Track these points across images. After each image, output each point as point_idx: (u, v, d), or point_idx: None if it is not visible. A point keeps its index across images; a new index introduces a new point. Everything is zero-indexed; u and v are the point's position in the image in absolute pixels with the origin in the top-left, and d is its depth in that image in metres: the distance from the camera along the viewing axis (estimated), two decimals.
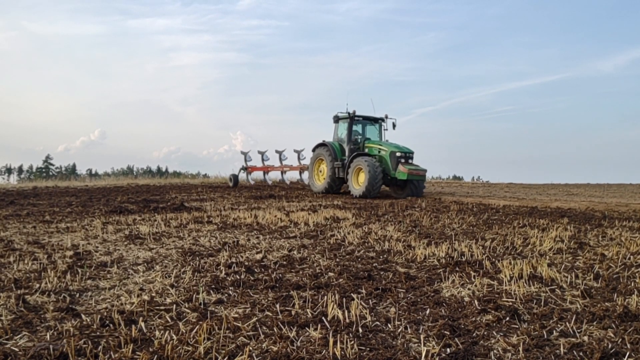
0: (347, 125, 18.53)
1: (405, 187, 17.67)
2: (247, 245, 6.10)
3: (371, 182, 16.34)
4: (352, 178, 17.37)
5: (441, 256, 5.43)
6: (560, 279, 4.28)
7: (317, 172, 19.44)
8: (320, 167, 19.29)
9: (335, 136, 19.49)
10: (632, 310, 3.30)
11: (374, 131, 19.42)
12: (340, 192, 18.94)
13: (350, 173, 17.43)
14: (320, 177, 19.28)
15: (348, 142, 18.40)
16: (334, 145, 18.73)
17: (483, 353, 2.55)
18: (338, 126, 19.42)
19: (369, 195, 16.44)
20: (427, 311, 3.31)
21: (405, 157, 17.43)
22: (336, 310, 3.18)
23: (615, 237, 7.14)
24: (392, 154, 17.24)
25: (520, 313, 3.27)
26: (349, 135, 18.50)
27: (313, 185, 19.36)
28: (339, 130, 19.32)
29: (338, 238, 6.80)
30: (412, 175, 16.90)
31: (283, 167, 22.22)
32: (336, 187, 18.55)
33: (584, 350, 2.57)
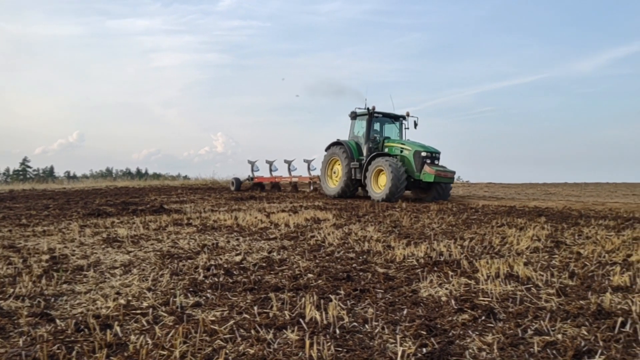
0: (366, 123, 16.97)
1: (430, 190, 16.23)
2: (226, 248, 6.07)
3: (394, 184, 14.82)
4: (372, 180, 15.86)
5: (420, 256, 5.46)
6: (536, 278, 4.34)
7: (330, 173, 17.83)
8: (334, 168, 17.73)
9: (351, 134, 17.94)
10: (606, 308, 3.36)
11: (393, 130, 17.84)
12: (355, 195, 17.52)
13: (369, 175, 15.92)
14: (333, 179, 17.66)
15: (367, 141, 16.83)
16: (350, 144, 17.15)
17: (458, 352, 2.57)
18: (355, 123, 17.87)
19: (392, 199, 14.88)
20: (404, 311, 3.33)
21: (432, 157, 15.89)
22: (314, 311, 3.18)
23: (591, 235, 7.25)
24: (416, 154, 15.71)
25: (496, 312, 3.30)
26: (368, 133, 16.93)
27: (325, 188, 17.71)
28: (356, 128, 17.80)
29: (318, 239, 6.81)
30: (439, 178, 15.30)
31: (292, 178, 20.64)
32: (352, 189, 17.00)
33: (558, 349, 2.61)
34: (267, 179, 21.27)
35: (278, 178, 20.89)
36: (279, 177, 20.87)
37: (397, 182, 14.82)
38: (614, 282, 4.17)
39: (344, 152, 16.91)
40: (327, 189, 17.55)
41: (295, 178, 20.41)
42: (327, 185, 17.64)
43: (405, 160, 15.80)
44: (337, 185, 17.21)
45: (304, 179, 20.12)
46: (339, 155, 17.10)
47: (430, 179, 15.22)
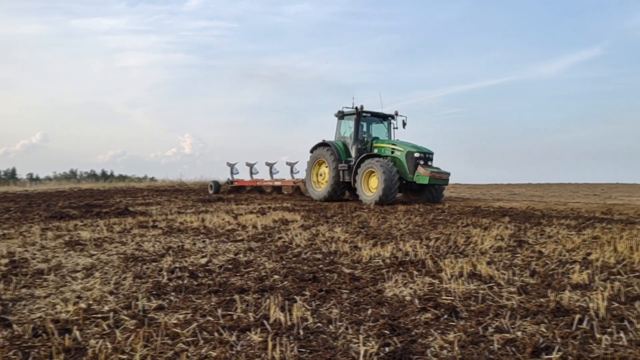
0: (354, 122, 16.20)
1: (423, 192, 15.57)
2: (192, 250, 6.01)
3: (387, 187, 14.13)
4: (362, 183, 15.10)
5: (386, 256, 5.50)
6: (498, 277, 4.42)
7: (317, 175, 16.93)
8: (320, 170, 16.85)
9: (337, 135, 17.13)
10: (564, 305, 3.44)
11: (382, 129, 17.12)
12: (343, 198, 16.71)
13: (359, 177, 15.16)
14: (320, 182, 16.80)
15: (355, 142, 16.07)
16: (338, 145, 16.38)
17: (420, 351, 2.60)
18: (341, 123, 17.08)
19: (384, 202, 14.17)
20: (369, 311, 3.34)
21: (425, 158, 15.23)
22: (278, 313, 3.17)
23: (552, 235, 7.43)
24: (409, 155, 15.05)
25: (459, 311, 3.35)
26: (356, 133, 16.17)
27: (311, 191, 16.84)
28: (342, 128, 17.03)
29: (286, 240, 6.79)
30: (434, 179, 14.66)
31: (274, 182, 19.49)
32: (340, 192, 16.27)
33: (517, 346, 2.66)
34: (248, 182, 20.44)
35: (260, 181, 20.01)
36: (261, 181, 19.98)
37: (389, 184, 14.17)
38: (573, 280, 4.28)
39: (331, 153, 16.18)
40: (313, 193, 16.76)
41: (278, 182, 19.39)
42: (313, 188, 16.81)
43: (397, 162, 15.14)
44: (324, 188, 16.43)
45: (287, 182, 19.12)
46: (326, 157, 16.33)
47: (425, 180, 14.57)
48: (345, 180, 15.89)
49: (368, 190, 15.02)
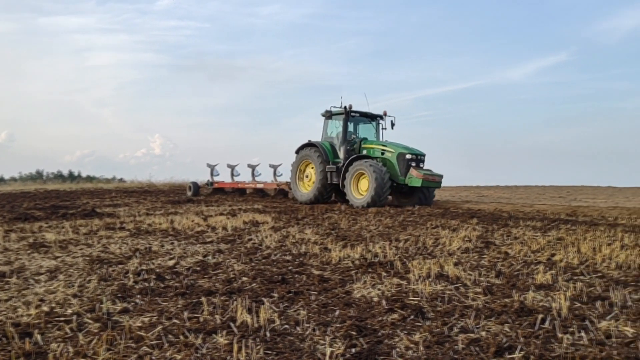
0: (342, 122, 15.68)
1: (413, 195, 15.16)
2: (160, 252, 5.93)
3: (378, 189, 13.70)
4: (351, 185, 14.62)
5: (356, 258, 5.52)
6: (465, 277, 4.48)
7: (302, 177, 16.38)
8: (307, 171, 16.27)
9: (324, 135, 16.60)
10: (528, 305, 3.51)
11: (370, 130, 16.68)
12: (330, 200, 16.22)
13: (348, 179, 14.67)
14: (306, 184, 16.24)
15: (343, 142, 15.54)
16: (325, 145, 15.88)
17: (386, 351, 2.62)
18: (328, 123, 16.57)
19: (375, 205, 13.72)
20: (336, 312, 3.35)
21: (417, 159, 14.80)
22: (245, 315, 3.15)
23: (519, 236, 7.56)
24: (400, 156, 14.62)
25: (425, 311, 3.38)
26: (345, 133, 15.64)
27: (297, 193, 16.29)
28: (329, 128, 16.53)
29: (256, 242, 6.76)
30: (427, 182, 14.23)
31: (257, 184, 18.80)
32: (327, 194, 15.77)
33: (481, 345, 2.70)
34: (229, 184, 19.78)
35: (241, 184, 19.33)
36: (242, 183, 19.31)
37: (381, 186, 13.73)
38: (538, 280, 4.36)
39: (318, 154, 15.61)
40: (299, 195, 16.18)
41: (261, 184, 18.71)
42: (299, 190, 16.24)
43: (388, 163, 14.69)
44: (310, 190, 15.86)
45: (270, 185, 18.48)
46: (312, 158, 15.79)
47: (418, 183, 14.12)
48: (333, 182, 15.45)
49: (358, 192, 14.58)
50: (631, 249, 6.10)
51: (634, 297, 3.87)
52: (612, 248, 6.04)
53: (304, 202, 15.60)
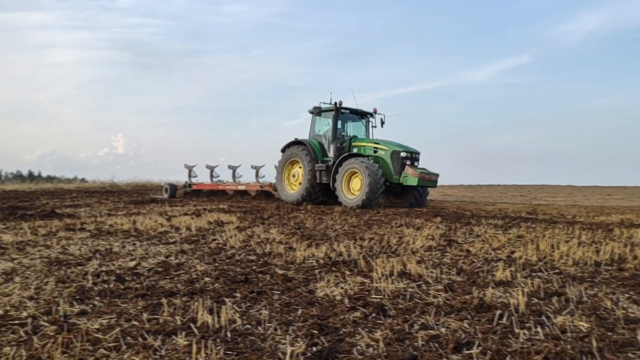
0: (332, 119, 15.16)
1: (406, 195, 14.77)
2: (121, 253, 5.82)
3: (372, 188, 13.23)
4: (343, 184, 14.12)
5: (320, 257, 5.53)
6: (427, 275, 4.53)
7: (289, 176, 15.85)
8: (293, 170, 15.76)
9: (311, 133, 16.10)
10: (487, 301, 3.57)
11: (359, 128, 16.26)
12: (319, 201, 15.52)
13: (339, 178, 14.16)
14: (293, 183, 15.74)
15: (333, 140, 15.01)
16: (313, 143, 15.37)
17: (347, 349, 2.62)
18: (316, 120, 16.06)
19: (368, 206, 13.33)
20: (299, 311, 3.34)
21: (412, 158, 14.28)
22: (206, 315, 3.12)
23: (480, 234, 7.70)
24: (394, 154, 14.12)
25: (387, 309, 3.41)
26: (335, 131, 15.10)
27: (283, 193, 15.71)
28: (317, 126, 16.03)
29: (220, 242, 6.70)
30: (423, 181, 13.69)
31: (238, 186, 18.03)
32: (315, 194, 15.11)
33: (440, 342, 2.73)
34: (209, 186, 19.01)
35: (221, 185, 18.59)
36: (223, 185, 18.58)
37: (374, 186, 13.26)
38: (497, 277, 4.44)
39: (307, 153, 15.09)
40: (285, 195, 15.62)
41: (242, 186, 17.99)
42: (286, 190, 15.71)
43: (381, 162, 14.22)
44: (297, 190, 15.34)
45: (252, 186, 17.74)
46: (300, 157, 15.22)
47: (414, 182, 13.59)
48: (323, 181, 14.91)
49: (350, 192, 14.09)
50: (588, 245, 6.27)
51: (590, 292, 3.97)
52: (569, 245, 6.20)
53: (290, 203, 15.08)
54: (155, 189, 22.31)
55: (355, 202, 13.53)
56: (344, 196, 14.01)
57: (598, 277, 4.59)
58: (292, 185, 15.75)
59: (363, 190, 13.39)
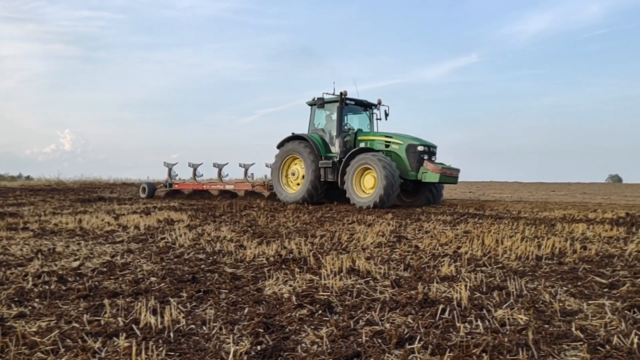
0: (337, 111, 13.95)
1: (420, 192, 13.67)
2: (64, 253, 5.64)
3: (388, 186, 12.03)
4: (353, 182, 12.91)
5: (270, 254, 5.52)
6: (375, 271, 4.58)
7: (288, 175, 14.65)
8: (292, 168, 14.52)
9: (311, 127, 14.91)
10: (431, 296, 3.64)
11: (363, 120, 15.07)
12: (323, 201, 14.31)
13: (349, 175, 12.96)
14: (292, 182, 14.58)
15: (339, 134, 13.75)
16: (314, 138, 14.12)
17: (291, 347, 2.63)
18: (316, 113, 14.86)
19: (384, 205, 12.15)
20: (245, 310, 3.33)
21: (429, 152, 13.18)
22: (149, 316, 3.06)
23: (429, 230, 7.84)
24: (410, 149, 13.00)
25: (334, 305, 3.43)
26: (340, 124, 13.86)
27: (281, 193, 14.46)
28: (317, 119, 14.86)
29: (169, 241, 6.60)
30: (445, 177, 12.67)
31: (225, 185, 16.80)
32: (319, 193, 13.92)
33: (384, 337, 2.77)
34: (192, 185, 17.66)
35: (207, 184, 17.25)
36: (208, 184, 17.25)
37: (391, 183, 12.08)
38: (443, 272, 4.54)
39: (308, 148, 13.86)
40: (283, 194, 14.39)
41: (230, 185, 16.74)
42: (284, 190, 14.50)
43: (394, 157, 13.07)
44: (298, 189, 14.15)
45: (242, 186, 16.46)
46: (301, 153, 13.98)
47: (435, 179, 12.57)
48: (328, 179, 13.71)
49: (362, 191, 12.93)
50: (530, 240, 6.49)
51: (530, 286, 4.11)
52: (513, 240, 6.40)
53: (289, 203, 13.90)
54: (103, 187, 21.69)
55: (368, 201, 12.40)
56: (355, 195, 12.88)
57: (539, 271, 4.75)
58: (291, 185, 14.62)
59: (378, 188, 12.24)
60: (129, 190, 20.37)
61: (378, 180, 12.29)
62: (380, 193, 12.08)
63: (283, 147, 14.64)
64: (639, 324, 3.03)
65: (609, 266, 4.95)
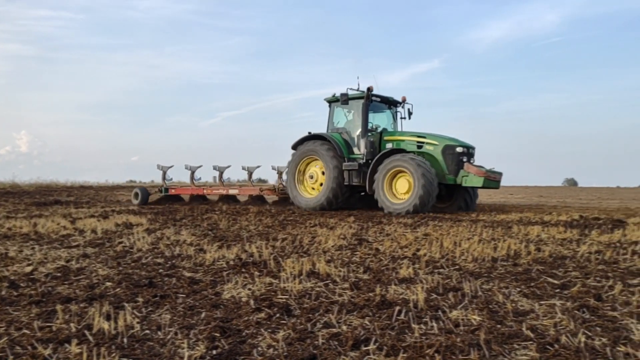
0: (362, 109, 12.92)
1: (455, 198, 12.88)
2: (17, 258, 5.48)
3: (427, 191, 11.19)
4: (384, 186, 11.98)
5: (231, 258, 5.48)
6: (335, 274, 4.61)
7: (305, 178, 13.62)
8: (310, 170, 13.49)
9: (330, 126, 13.93)
10: (389, 298, 3.69)
11: (386, 119, 14.10)
12: (343, 207, 13.40)
13: (379, 179, 12.04)
14: (308, 186, 13.57)
15: (365, 134, 12.85)
16: (336, 138, 13.12)
17: (247, 351, 2.62)
18: (335, 111, 13.87)
19: (423, 210, 11.30)
20: (202, 315, 3.30)
21: (468, 154, 12.28)
22: (103, 322, 3.00)
23: (390, 232, 7.93)
24: (447, 150, 12.10)
25: (292, 308, 3.44)
26: (366, 122, 12.93)
27: (298, 199, 13.45)
28: (337, 117, 13.87)
29: (126, 245, 6.48)
30: (489, 181, 11.73)
31: (228, 190, 15.59)
32: (342, 198, 12.99)
33: (340, 339, 2.79)
34: (192, 190, 16.34)
35: (208, 189, 16.02)
36: (209, 189, 16.06)
37: (430, 187, 11.23)
38: (401, 274, 4.60)
39: (329, 149, 12.94)
40: (300, 199, 13.41)
41: (234, 190, 15.65)
42: (300, 194, 13.48)
43: (428, 158, 12.14)
44: (318, 194, 13.09)
45: (247, 190, 15.44)
46: (321, 154, 13.01)
47: (478, 183, 11.63)
48: (353, 183, 12.77)
49: (394, 196, 12.01)
50: (487, 242, 6.63)
51: (485, 287, 4.20)
52: (471, 242, 6.53)
53: (310, 209, 12.97)
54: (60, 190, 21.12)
55: (403, 207, 11.46)
56: (387, 201, 11.94)
57: (494, 272, 4.86)
58: (308, 189, 13.59)
59: (415, 192, 11.32)
60: (86, 193, 19.91)
61: (415, 184, 11.40)
62: (418, 199, 11.25)
63: (299, 148, 13.70)
64: (587, 324, 3.14)
65: (561, 267, 5.10)
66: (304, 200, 13.31)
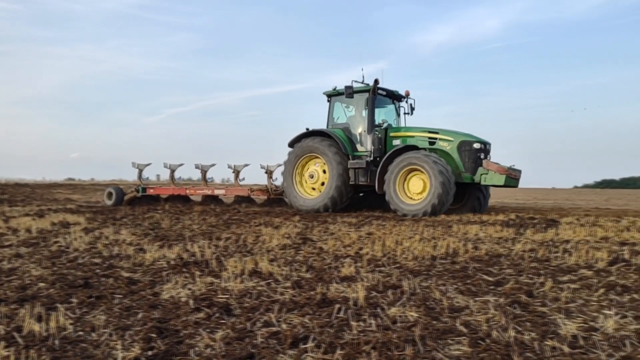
0: (369, 103, 12.18)
1: (467, 198, 12.12)
2: None
3: (445, 190, 10.52)
4: (396, 185, 11.22)
5: (172, 258, 5.39)
6: (277, 273, 4.61)
7: (305, 177, 12.80)
8: (310, 169, 12.66)
9: (330, 121, 13.08)
10: (329, 296, 3.72)
11: (390, 114, 13.26)
12: (344, 208, 12.52)
13: (390, 178, 11.27)
14: (307, 186, 12.76)
15: (371, 130, 12.03)
16: (339, 134, 12.27)
17: (184, 351, 2.59)
18: (335, 105, 13.04)
19: (438, 213, 10.65)
20: (139, 315, 3.23)
21: (485, 150, 11.57)
22: (33, 323, 2.90)
23: (334, 232, 8.00)
24: (463, 146, 11.37)
25: (232, 308, 3.42)
26: (372, 117, 12.18)
27: (296, 200, 12.59)
28: (337, 112, 13.03)
29: (62, 245, 6.26)
30: (510, 180, 11.02)
31: (214, 190, 14.56)
32: (346, 198, 12.21)
33: (279, 338, 2.80)
34: (172, 190, 15.05)
35: (190, 189, 14.85)
36: (192, 189, 14.93)
37: (447, 187, 10.57)
38: (343, 273, 4.65)
39: (332, 146, 12.10)
40: (299, 200, 12.59)
41: (220, 190, 14.67)
42: (300, 195, 12.64)
43: (442, 155, 11.41)
44: (320, 194, 12.28)
45: (235, 190, 14.29)
46: (322, 152, 12.19)
47: (500, 181, 10.92)
48: (360, 182, 11.95)
49: (407, 196, 11.27)
50: (428, 241, 6.79)
51: (423, 284, 4.30)
52: (412, 241, 6.68)
53: (309, 211, 12.11)
54: None
55: (420, 208, 10.77)
56: (400, 201, 11.21)
57: (433, 270, 4.99)
58: (308, 189, 12.80)
59: (432, 192, 10.61)
60: (22, 191, 19.07)
61: (431, 184, 10.68)
62: (436, 198, 10.56)
63: (297, 145, 12.84)
64: (518, 319, 3.27)
65: (496, 265, 5.28)
66: (303, 201, 12.54)
